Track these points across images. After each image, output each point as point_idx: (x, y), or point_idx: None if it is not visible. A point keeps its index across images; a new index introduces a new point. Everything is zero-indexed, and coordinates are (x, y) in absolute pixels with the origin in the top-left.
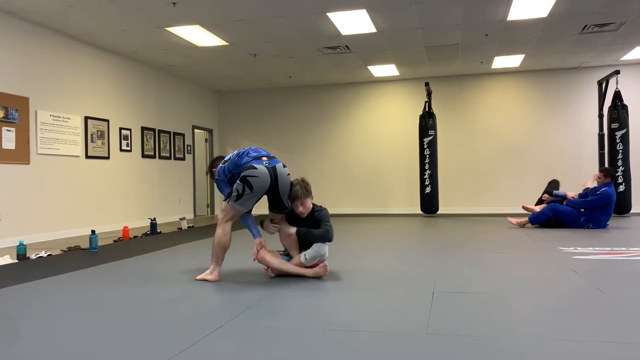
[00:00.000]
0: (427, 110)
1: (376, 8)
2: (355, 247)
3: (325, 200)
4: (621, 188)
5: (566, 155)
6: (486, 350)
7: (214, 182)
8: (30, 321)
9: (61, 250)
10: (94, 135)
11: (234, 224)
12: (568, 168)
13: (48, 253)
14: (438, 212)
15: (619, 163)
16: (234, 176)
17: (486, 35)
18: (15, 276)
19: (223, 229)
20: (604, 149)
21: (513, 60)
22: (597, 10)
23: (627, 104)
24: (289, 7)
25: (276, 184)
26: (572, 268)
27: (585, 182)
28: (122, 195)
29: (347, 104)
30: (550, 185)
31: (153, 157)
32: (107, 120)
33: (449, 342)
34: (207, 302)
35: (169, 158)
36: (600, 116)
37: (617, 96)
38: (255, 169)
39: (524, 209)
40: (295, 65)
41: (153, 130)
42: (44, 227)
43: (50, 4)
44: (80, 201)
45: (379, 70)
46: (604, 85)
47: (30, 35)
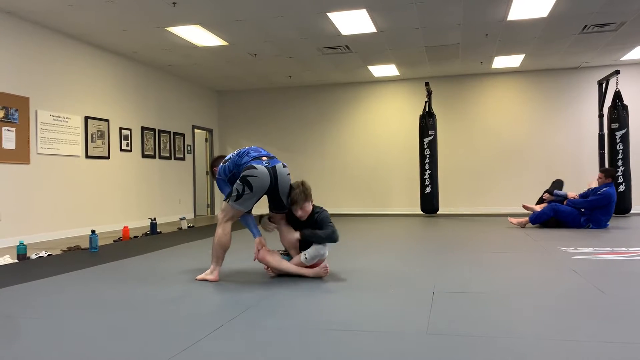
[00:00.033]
0: (427, 110)
1: (376, 8)
2: (355, 247)
3: (325, 200)
4: (621, 188)
5: (566, 155)
6: (486, 350)
7: (214, 182)
8: (31, 321)
9: (61, 250)
10: (94, 135)
11: (234, 224)
12: (568, 168)
13: (48, 253)
14: (438, 212)
15: (619, 163)
16: (234, 175)
17: (486, 35)
18: (16, 276)
19: (223, 228)
20: (604, 149)
21: (513, 60)
22: (597, 10)
23: (627, 104)
24: (289, 7)
25: (276, 184)
26: (572, 268)
27: (591, 182)
28: (122, 195)
29: (347, 104)
30: (554, 184)
31: (153, 157)
32: (107, 120)
33: (449, 342)
34: (207, 302)
35: (169, 158)
36: (601, 116)
37: (617, 96)
38: (255, 168)
39: (524, 208)
40: (296, 65)
41: (153, 130)
42: (44, 227)
43: (50, 3)
44: (80, 201)
45: (379, 70)
46: (604, 85)
47: (31, 35)
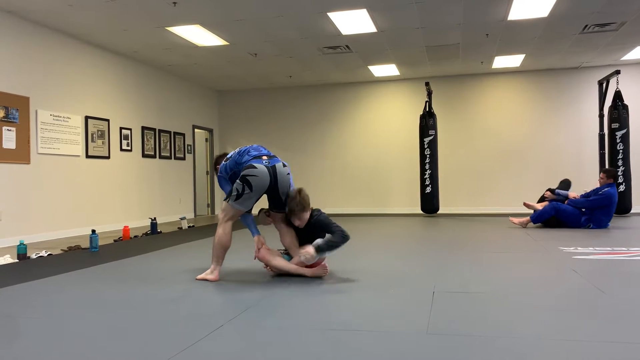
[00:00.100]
0: (427, 110)
1: (377, 8)
2: (355, 247)
3: (326, 200)
4: (621, 188)
5: (566, 155)
6: (486, 350)
7: (214, 181)
8: (31, 321)
9: (61, 250)
10: (94, 135)
11: (235, 224)
12: (568, 168)
13: (48, 252)
14: (438, 212)
15: (619, 163)
16: (235, 174)
17: (487, 35)
18: (16, 276)
19: (223, 228)
20: (604, 149)
21: (513, 60)
22: (598, 10)
23: (627, 104)
24: (290, 7)
25: (275, 183)
26: (572, 268)
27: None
28: (123, 194)
29: (347, 104)
30: (562, 184)
31: (153, 156)
32: (108, 120)
33: (449, 342)
34: (207, 302)
35: (169, 158)
36: (601, 116)
37: (618, 96)
38: (255, 168)
39: (525, 206)
40: (296, 65)
41: (153, 129)
42: (44, 227)
43: (50, 3)
44: (80, 201)
45: (379, 70)
46: (604, 85)
47: (31, 35)
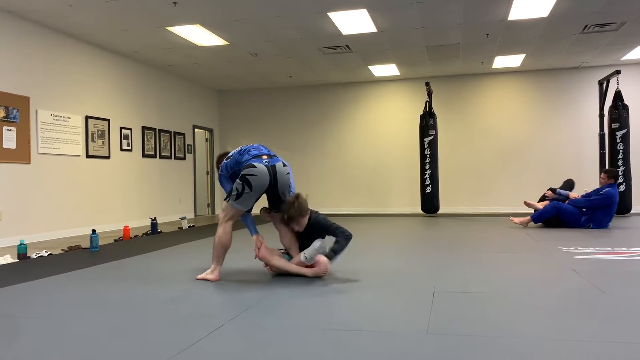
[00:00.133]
0: (427, 110)
1: (377, 8)
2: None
3: (326, 199)
4: (621, 188)
5: (567, 155)
6: (486, 350)
7: (214, 181)
8: (31, 320)
9: (62, 250)
10: (94, 135)
11: (236, 224)
12: (568, 168)
13: (49, 252)
14: (439, 212)
15: (620, 163)
16: (235, 173)
17: (487, 35)
18: (16, 275)
19: (224, 228)
20: (604, 149)
21: (514, 60)
22: (598, 10)
23: (627, 104)
24: (290, 7)
25: (275, 183)
26: (572, 268)
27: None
28: (123, 194)
29: (347, 104)
30: (565, 184)
31: (154, 156)
32: (108, 120)
33: (450, 342)
34: (207, 302)
35: (169, 157)
36: (601, 116)
37: (618, 96)
38: (254, 167)
39: (525, 205)
40: (296, 65)
41: (154, 129)
42: (44, 227)
43: (50, 3)
44: (80, 200)
45: (379, 70)
46: (604, 85)
47: (31, 35)
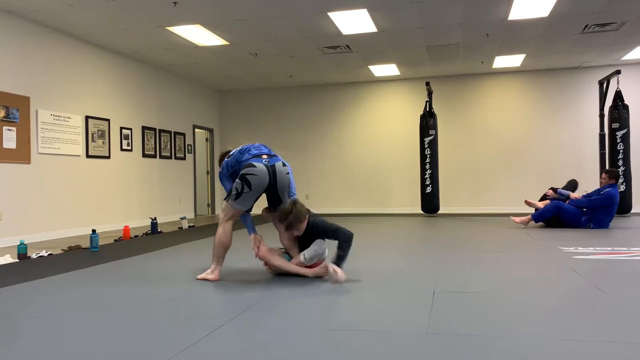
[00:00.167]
0: (427, 110)
1: (377, 8)
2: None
3: (326, 200)
4: (622, 188)
5: (567, 155)
6: (486, 350)
7: (215, 181)
8: (31, 320)
9: (62, 250)
10: (94, 135)
11: (236, 224)
12: (569, 168)
13: (49, 252)
14: (439, 212)
15: (620, 163)
16: (235, 172)
17: (487, 34)
18: (16, 275)
19: (224, 228)
20: (604, 149)
21: (514, 60)
22: (598, 10)
23: (627, 104)
24: (290, 7)
25: (274, 183)
26: (572, 268)
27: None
28: (123, 194)
29: (347, 104)
30: (569, 184)
31: (154, 156)
32: (108, 120)
33: (450, 342)
34: (207, 302)
35: (169, 157)
36: (601, 116)
37: (618, 96)
38: (254, 167)
39: (526, 204)
40: (296, 64)
41: (154, 129)
42: (44, 227)
43: (50, 3)
44: (81, 200)
45: (379, 70)
46: (604, 85)
47: (31, 35)
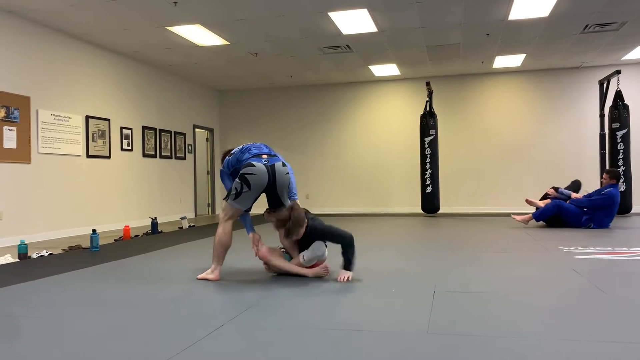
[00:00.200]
0: (428, 109)
1: (377, 7)
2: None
3: (326, 200)
4: (622, 188)
5: (567, 155)
6: (487, 350)
7: (215, 181)
8: (31, 320)
9: (62, 250)
10: (95, 135)
11: (236, 224)
12: (569, 168)
13: (49, 252)
14: (439, 212)
15: (620, 163)
16: (236, 170)
17: (487, 34)
18: (17, 275)
19: (223, 228)
20: (605, 149)
21: (514, 60)
22: (599, 10)
23: (628, 104)
24: (290, 7)
25: (274, 182)
26: (573, 268)
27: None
28: (123, 194)
29: (348, 104)
30: (572, 185)
31: (154, 156)
32: (108, 120)
33: (450, 341)
34: (208, 302)
35: (170, 157)
36: (602, 116)
37: (618, 96)
38: (253, 166)
39: (527, 203)
40: (296, 64)
41: (154, 129)
42: (45, 226)
43: (51, 3)
44: (81, 200)
45: (380, 70)
46: (605, 85)
47: (31, 35)
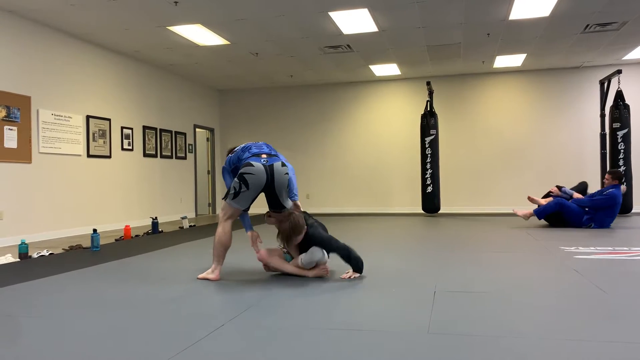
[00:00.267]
0: (428, 109)
1: (378, 7)
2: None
3: (327, 199)
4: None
5: (568, 155)
6: (487, 350)
7: (215, 181)
8: (32, 320)
9: (63, 249)
10: (95, 134)
11: (236, 224)
12: (570, 168)
13: (50, 252)
14: (439, 212)
15: (621, 163)
16: (236, 168)
17: (488, 34)
18: (17, 275)
19: (223, 227)
20: (605, 149)
21: (515, 60)
22: (599, 10)
23: (628, 104)
24: (291, 6)
25: (272, 182)
26: (573, 268)
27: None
28: (124, 194)
29: (348, 104)
30: (579, 185)
31: (155, 156)
32: (109, 119)
33: (450, 341)
34: (208, 301)
35: (170, 157)
36: (602, 116)
37: (619, 96)
38: (252, 166)
39: (529, 200)
40: (297, 64)
41: (155, 129)
42: (45, 226)
43: (51, 2)
44: (82, 200)
45: (380, 70)
46: (605, 84)
47: (32, 34)
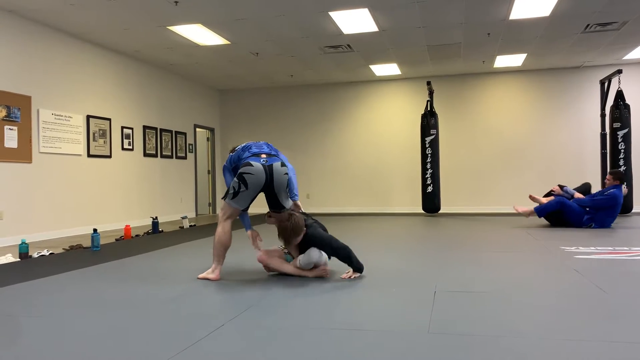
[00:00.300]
0: (428, 109)
1: (378, 7)
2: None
3: (327, 199)
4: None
5: (568, 155)
6: (487, 350)
7: (215, 181)
8: (32, 320)
9: (63, 249)
10: (95, 134)
11: (236, 224)
12: (570, 167)
13: (50, 252)
14: (440, 212)
15: (621, 162)
16: (237, 167)
17: (488, 34)
18: (17, 274)
19: (223, 227)
20: (606, 149)
21: (515, 60)
22: (600, 10)
23: (629, 104)
24: (291, 6)
25: (271, 182)
26: (573, 267)
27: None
28: (124, 194)
29: (348, 103)
30: (582, 186)
31: (155, 155)
32: (109, 119)
33: (451, 341)
34: (208, 301)
35: (170, 157)
36: (603, 115)
37: (619, 95)
38: (251, 166)
39: (530, 199)
40: (297, 64)
41: (155, 129)
42: (46, 226)
43: (51, 2)
44: (82, 200)
45: (380, 69)
46: (606, 84)
47: (32, 34)
